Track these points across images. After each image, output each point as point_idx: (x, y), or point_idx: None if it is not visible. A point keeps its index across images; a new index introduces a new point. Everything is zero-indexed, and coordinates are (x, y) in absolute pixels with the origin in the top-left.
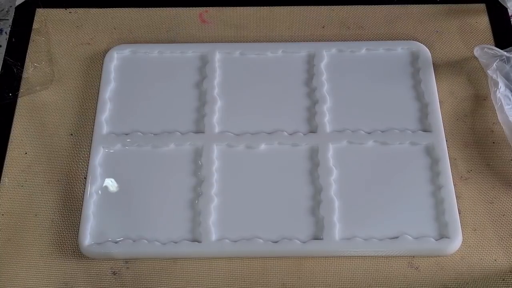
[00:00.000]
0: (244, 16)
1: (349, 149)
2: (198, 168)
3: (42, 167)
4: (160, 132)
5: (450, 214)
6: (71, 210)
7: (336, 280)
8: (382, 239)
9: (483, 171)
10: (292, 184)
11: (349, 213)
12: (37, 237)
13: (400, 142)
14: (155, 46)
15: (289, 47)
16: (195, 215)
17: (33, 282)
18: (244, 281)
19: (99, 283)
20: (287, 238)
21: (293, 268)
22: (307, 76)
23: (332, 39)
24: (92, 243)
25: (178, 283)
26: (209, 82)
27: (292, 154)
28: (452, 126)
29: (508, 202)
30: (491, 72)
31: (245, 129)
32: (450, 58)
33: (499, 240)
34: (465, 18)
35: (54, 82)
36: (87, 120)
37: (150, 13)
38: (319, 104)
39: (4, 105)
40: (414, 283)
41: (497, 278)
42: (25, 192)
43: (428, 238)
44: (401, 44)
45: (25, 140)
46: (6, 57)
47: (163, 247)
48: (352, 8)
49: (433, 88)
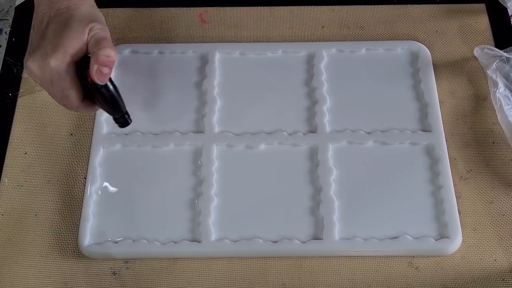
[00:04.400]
0: (244, 16)
1: (349, 149)
2: (198, 168)
3: (42, 167)
4: (160, 132)
5: (450, 214)
6: (71, 210)
7: (336, 280)
8: (382, 239)
9: (483, 171)
10: (292, 184)
11: (349, 213)
12: (37, 237)
13: (400, 142)
14: (155, 46)
15: (289, 47)
16: (195, 215)
17: (33, 282)
18: (244, 281)
19: (99, 283)
20: (287, 238)
21: (293, 268)
22: (307, 76)
23: (332, 39)
24: (92, 243)
25: (178, 283)
26: (209, 82)
27: (292, 154)
28: (452, 126)
29: (508, 202)
30: (491, 72)
31: (245, 129)
32: (450, 58)
33: (499, 240)
34: (465, 18)
35: None
36: (87, 120)
37: (150, 13)
38: (319, 104)
39: (4, 105)
40: (414, 283)
41: (497, 278)
42: (25, 192)
43: (428, 238)
44: (401, 44)
45: (25, 140)
46: (6, 57)
47: (163, 247)
48: (352, 8)
49: (433, 88)
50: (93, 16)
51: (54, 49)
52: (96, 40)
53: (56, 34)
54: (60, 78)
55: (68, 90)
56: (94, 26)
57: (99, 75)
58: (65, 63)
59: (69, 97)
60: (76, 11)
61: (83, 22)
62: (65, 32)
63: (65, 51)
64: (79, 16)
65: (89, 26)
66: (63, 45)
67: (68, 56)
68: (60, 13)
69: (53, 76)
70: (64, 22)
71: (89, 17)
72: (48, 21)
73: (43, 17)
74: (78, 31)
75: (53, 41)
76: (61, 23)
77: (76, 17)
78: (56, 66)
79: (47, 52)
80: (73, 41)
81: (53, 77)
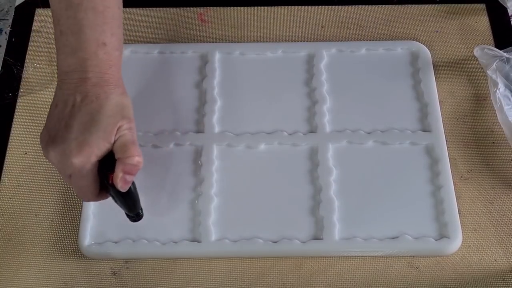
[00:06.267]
0: (244, 16)
1: (349, 149)
2: (198, 168)
3: (42, 167)
4: (160, 132)
5: (450, 214)
6: (71, 210)
7: (336, 280)
8: (382, 239)
9: (483, 171)
10: (292, 184)
11: (349, 213)
12: (37, 237)
13: (400, 142)
14: (155, 46)
15: (289, 47)
16: (195, 215)
17: (33, 282)
18: (244, 281)
19: (99, 283)
20: (287, 238)
21: (293, 268)
22: (307, 76)
23: (332, 39)
24: (92, 243)
25: (178, 283)
26: (209, 82)
27: (292, 154)
28: (452, 126)
29: (508, 202)
30: (491, 72)
31: (245, 129)
32: (450, 58)
33: (499, 240)
34: (465, 18)
35: (54, 82)
36: None
37: (150, 13)
38: (319, 104)
39: (4, 105)
40: (414, 283)
41: (497, 278)
42: (25, 192)
43: (428, 238)
44: (401, 44)
45: (25, 140)
46: (6, 57)
47: (163, 247)
48: (352, 8)
49: (433, 88)
50: (122, 111)
51: (80, 148)
52: (123, 145)
53: (83, 129)
54: (81, 176)
55: (86, 187)
56: (122, 126)
57: (123, 183)
58: (89, 164)
59: (86, 192)
60: (106, 101)
61: (112, 120)
62: (93, 129)
63: (91, 152)
64: (109, 110)
65: (117, 125)
66: (90, 146)
67: (94, 157)
68: (88, 102)
69: (74, 172)
70: (92, 115)
71: (118, 113)
72: (73, 107)
73: (68, 100)
74: (107, 131)
75: (79, 137)
76: (89, 115)
77: (105, 111)
78: (78, 166)
79: (71, 150)
80: (100, 142)
81: (74, 173)
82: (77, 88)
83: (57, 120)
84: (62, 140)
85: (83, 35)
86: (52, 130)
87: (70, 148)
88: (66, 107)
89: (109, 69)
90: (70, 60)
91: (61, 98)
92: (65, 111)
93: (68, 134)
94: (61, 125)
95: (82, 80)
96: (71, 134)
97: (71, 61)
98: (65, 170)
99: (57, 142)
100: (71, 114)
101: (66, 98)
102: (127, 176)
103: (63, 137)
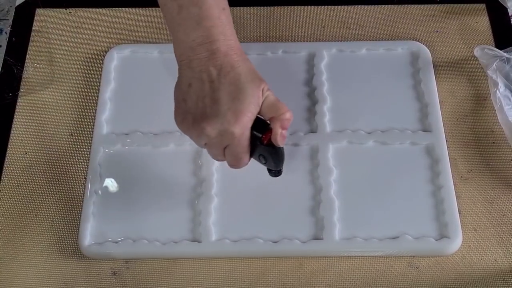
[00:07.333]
0: (244, 16)
1: (349, 149)
2: (198, 168)
3: (42, 167)
4: (160, 132)
5: (450, 214)
6: (71, 210)
7: (336, 280)
8: (382, 239)
9: (483, 171)
10: (292, 184)
11: (349, 213)
12: (37, 237)
13: (400, 142)
14: (155, 46)
15: (289, 47)
16: (195, 215)
17: (33, 282)
18: (244, 281)
19: (99, 283)
20: (287, 238)
21: (293, 268)
22: (307, 76)
23: (332, 39)
24: (92, 243)
25: (178, 283)
26: None
27: (292, 154)
28: (452, 126)
29: (508, 202)
30: (491, 72)
31: None
32: (450, 58)
33: (499, 240)
34: (465, 18)
35: (54, 82)
36: (87, 120)
37: (150, 13)
38: (319, 104)
39: (4, 105)
40: (414, 283)
41: (497, 278)
42: (25, 192)
43: (428, 238)
44: (401, 44)
45: (25, 140)
46: (6, 57)
47: (163, 247)
48: (352, 8)
49: (433, 88)
50: (257, 75)
51: (236, 117)
52: (273, 104)
53: (233, 99)
54: (239, 144)
55: (242, 153)
56: (264, 88)
57: (281, 139)
58: (247, 130)
59: (243, 158)
60: (241, 69)
61: (255, 84)
62: (241, 97)
63: (247, 118)
64: (248, 76)
65: (260, 88)
66: (244, 113)
67: (250, 122)
68: (226, 73)
69: (233, 141)
70: (236, 85)
71: (256, 77)
72: (212, 82)
73: (202, 77)
74: (255, 96)
75: (231, 107)
76: (232, 85)
77: (245, 78)
78: (238, 134)
79: (229, 120)
80: (252, 107)
81: (232, 142)
82: (208, 62)
83: (198, 98)
84: (216, 114)
85: (206, 3)
86: (194, 109)
87: (227, 119)
88: (204, 84)
89: (232, 35)
90: (195, 33)
91: (194, 76)
92: (204, 88)
93: (219, 107)
94: (205, 102)
95: (212, 52)
96: (222, 106)
97: (196, 34)
98: (223, 141)
99: (210, 117)
100: (214, 88)
101: (199, 75)
102: (284, 131)
103: (214, 111)
